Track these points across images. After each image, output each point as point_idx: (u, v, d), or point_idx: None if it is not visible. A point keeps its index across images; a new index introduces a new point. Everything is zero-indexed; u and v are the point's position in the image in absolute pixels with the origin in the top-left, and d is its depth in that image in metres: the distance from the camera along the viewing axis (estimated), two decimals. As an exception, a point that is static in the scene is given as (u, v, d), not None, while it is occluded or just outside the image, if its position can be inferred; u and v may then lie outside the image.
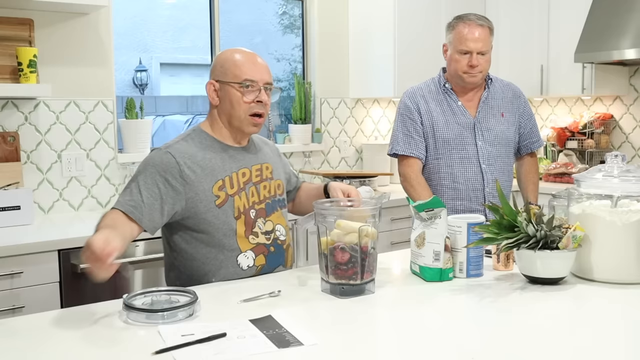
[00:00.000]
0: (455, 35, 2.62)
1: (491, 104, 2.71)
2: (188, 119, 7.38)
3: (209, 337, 1.37)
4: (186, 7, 6.79)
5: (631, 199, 1.80)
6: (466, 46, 2.58)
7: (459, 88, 2.70)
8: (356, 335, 1.44)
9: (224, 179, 1.93)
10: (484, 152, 2.66)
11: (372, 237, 1.69)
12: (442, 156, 2.67)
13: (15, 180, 2.98)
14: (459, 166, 2.66)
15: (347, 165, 4.38)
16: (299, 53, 4.33)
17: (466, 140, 2.65)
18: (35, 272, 2.52)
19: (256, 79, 1.94)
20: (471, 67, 2.60)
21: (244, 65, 1.94)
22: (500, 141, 2.69)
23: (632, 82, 4.24)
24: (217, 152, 1.97)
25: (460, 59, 2.61)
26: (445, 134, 2.65)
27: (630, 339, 1.43)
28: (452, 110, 2.68)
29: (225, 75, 1.95)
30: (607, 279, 1.78)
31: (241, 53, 1.99)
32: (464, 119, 2.67)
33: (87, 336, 1.45)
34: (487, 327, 1.50)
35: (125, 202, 1.84)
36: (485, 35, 2.61)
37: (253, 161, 2.03)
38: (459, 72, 2.63)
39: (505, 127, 2.71)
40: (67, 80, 3.21)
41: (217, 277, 1.92)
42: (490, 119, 2.69)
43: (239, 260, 1.93)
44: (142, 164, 1.94)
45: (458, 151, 2.65)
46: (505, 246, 1.75)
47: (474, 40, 2.58)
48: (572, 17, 4.01)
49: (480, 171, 2.65)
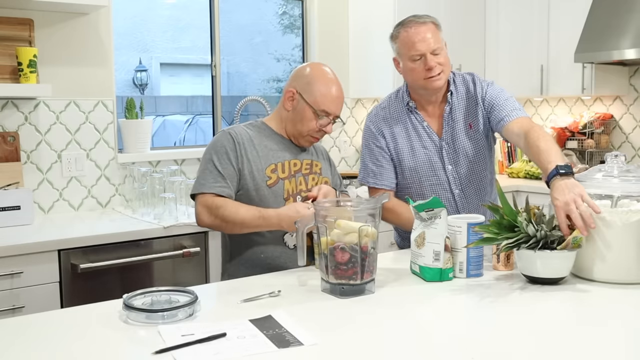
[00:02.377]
0: (401, 42, 2.30)
1: (455, 117, 2.36)
2: (188, 119, 7.38)
3: (209, 337, 1.37)
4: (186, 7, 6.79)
5: (631, 199, 1.80)
6: (415, 50, 2.24)
7: (423, 103, 2.37)
8: (356, 335, 1.44)
9: (276, 164, 2.10)
10: (454, 177, 2.37)
11: (372, 237, 1.69)
12: (412, 184, 2.39)
13: (15, 180, 2.99)
14: (430, 194, 2.28)
15: (347, 165, 4.38)
16: (299, 53, 4.33)
17: (435, 166, 2.36)
18: (35, 272, 2.52)
19: (331, 112, 2.11)
20: (429, 70, 2.24)
21: (327, 97, 2.10)
22: (471, 160, 2.37)
23: (632, 82, 4.24)
24: (275, 141, 2.15)
25: (415, 67, 2.26)
26: (412, 162, 2.37)
27: (630, 339, 1.43)
28: (418, 134, 2.37)
29: (308, 94, 2.10)
30: (607, 279, 1.78)
31: (330, 78, 2.13)
32: (430, 142, 2.36)
33: (87, 336, 1.45)
34: (487, 327, 1.50)
35: (214, 186, 2.03)
36: (431, 32, 2.26)
37: (305, 156, 2.19)
38: (419, 82, 2.28)
39: (475, 141, 2.37)
40: (67, 80, 3.21)
41: (265, 254, 2.07)
42: (459, 135, 2.36)
43: (285, 239, 2.09)
44: (210, 147, 2.11)
45: (427, 178, 2.37)
46: (505, 246, 1.75)
47: (422, 40, 2.23)
48: (572, 17, 4.01)
49: (453, 198, 2.38)
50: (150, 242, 2.79)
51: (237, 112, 3.57)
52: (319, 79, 2.11)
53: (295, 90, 2.11)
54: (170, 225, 2.83)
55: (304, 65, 2.20)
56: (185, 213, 2.99)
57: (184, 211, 3.01)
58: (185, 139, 6.78)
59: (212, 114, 3.96)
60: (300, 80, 2.12)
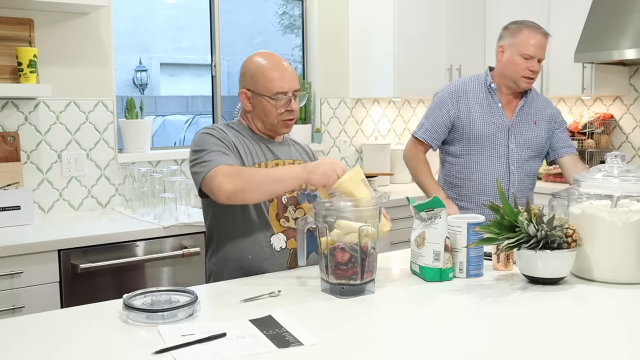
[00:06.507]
0: (520, 39, 2.68)
1: (527, 111, 2.79)
2: (188, 119, 7.38)
3: (209, 337, 1.37)
4: (186, 7, 6.79)
5: (631, 199, 1.80)
6: (531, 51, 2.66)
7: (504, 90, 2.78)
8: (356, 335, 1.44)
9: (259, 164, 2.07)
10: (514, 154, 2.75)
11: (372, 237, 1.69)
12: (474, 152, 2.76)
13: (15, 180, 2.99)
14: (488, 163, 2.75)
15: (347, 165, 4.37)
16: (299, 53, 4.33)
17: (499, 141, 2.74)
18: (35, 272, 2.52)
19: (286, 89, 2.06)
20: (532, 72, 2.68)
21: (274, 79, 2.05)
22: (531, 146, 2.78)
23: (632, 82, 4.24)
24: (255, 141, 2.11)
25: (521, 63, 2.67)
26: (480, 131, 2.74)
27: (630, 339, 1.42)
28: (491, 110, 2.76)
29: (256, 86, 2.07)
30: (607, 279, 1.78)
31: (268, 62, 2.08)
32: (500, 120, 2.75)
33: (87, 336, 1.45)
34: (487, 327, 1.50)
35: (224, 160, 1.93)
36: (546, 44, 2.71)
37: (286, 156, 2.16)
38: (518, 76, 2.70)
39: (537, 134, 2.80)
40: (67, 80, 3.21)
41: (252, 254, 2.02)
42: (524, 125, 2.78)
43: (272, 241, 2.04)
44: (198, 140, 2.02)
45: (490, 149, 2.74)
46: (506, 246, 1.75)
47: (540, 47, 2.67)
48: (572, 17, 4.01)
49: (508, 172, 2.75)
50: (150, 242, 2.79)
51: (237, 112, 3.57)
52: (258, 67, 2.07)
53: (246, 89, 2.09)
54: (170, 225, 2.82)
55: (242, 64, 2.15)
56: (186, 213, 2.99)
57: (184, 211, 3.01)
58: (185, 139, 6.77)
59: (212, 114, 3.96)
60: (245, 78, 2.10)
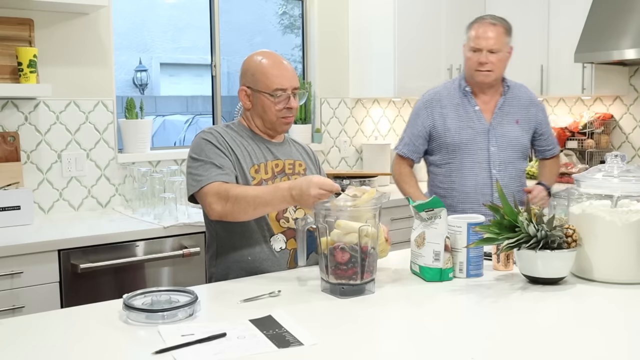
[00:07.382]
0: (469, 35, 2.71)
1: (507, 110, 2.76)
2: (188, 119, 7.39)
3: (209, 337, 1.37)
4: (186, 7, 6.80)
5: (631, 199, 1.80)
6: (476, 44, 2.66)
7: (477, 90, 2.75)
8: (356, 335, 1.44)
9: (259, 165, 2.08)
10: (495, 158, 2.70)
11: (372, 237, 1.69)
12: (454, 160, 2.72)
13: (15, 180, 2.98)
14: (469, 171, 2.70)
15: (347, 165, 4.38)
16: (299, 53, 4.33)
17: (479, 145, 2.70)
18: (35, 272, 2.52)
19: (285, 86, 2.07)
20: (480, 65, 2.65)
21: (274, 76, 2.06)
22: (514, 147, 2.74)
23: (632, 82, 4.24)
24: (255, 141, 2.12)
25: (471, 57, 2.68)
26: (457, 139, 2.70)
27: (630, 339, 1.43)
28: (468, 115, 2.73)
29: (256, 84, 2.08)
30: (607, 279, 1.78)
31: (269, 60, 2.09)
32: (478, 124, 2.71)
33: (87, 336, 1.45)
34: (487, 327, 1.50)
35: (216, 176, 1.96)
36: (497, 34, 2.66)
37: (287, 156, 2.16)
38: (470, 71, 2.70)
39: (519, 134, 2.76)
40: (67, 80, 3.20)
41: (252, 255, 2.02)
42: (505, 125, 2.74)
43: (272, 242, 2.04)
44: (195, 146, 2.05)
45: (469, 155, 2.70)
46: (506, 246, 1.75)
47: (485, 38, 2.65)
48: (572, 17, 4.01)
49: (490, 177, 2.69)
50: (150, 242, 2.79)
51: (237, 112, 3.57)
52: (258, 65, 2.08)
53: (245, 87, 2.10)
54: (170, 225, 2.82)
55: (243, 62, 2.16)
56: (185, 213, 2.99)
57: (184, 211, 3.01)
58: (185, 139, 6.78)
59: (212, 114, 3.96)
60: (245, 76, 2.12)
